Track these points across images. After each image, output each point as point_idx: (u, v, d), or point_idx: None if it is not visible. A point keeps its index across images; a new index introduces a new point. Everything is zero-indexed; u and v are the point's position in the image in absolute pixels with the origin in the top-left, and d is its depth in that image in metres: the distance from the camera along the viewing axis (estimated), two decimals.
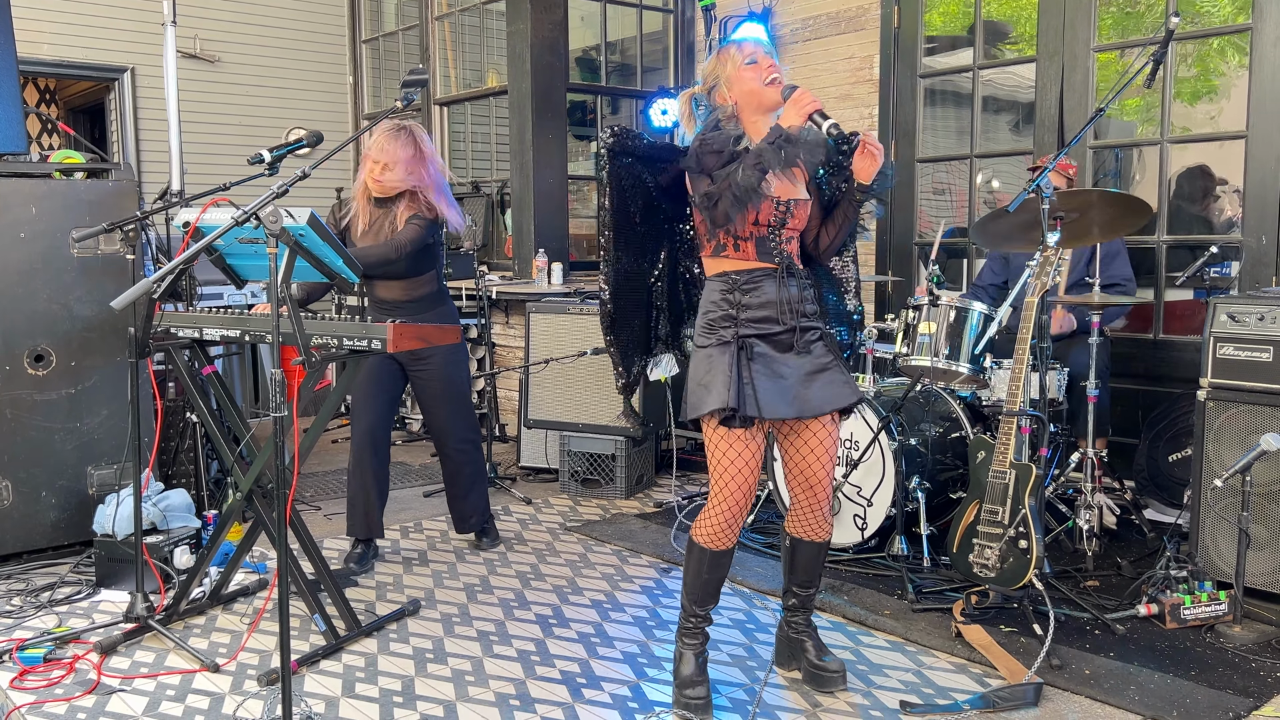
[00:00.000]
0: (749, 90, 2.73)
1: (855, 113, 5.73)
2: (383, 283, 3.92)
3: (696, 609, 2.89)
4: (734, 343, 2.71)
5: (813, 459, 2.84)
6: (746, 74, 2.73)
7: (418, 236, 3.79)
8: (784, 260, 2.76)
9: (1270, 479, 3.35)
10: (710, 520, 2.79)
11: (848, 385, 2.80)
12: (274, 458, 2.64)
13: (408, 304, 3.93)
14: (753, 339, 2.72)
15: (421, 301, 3.96)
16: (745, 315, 2.72)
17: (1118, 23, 5.51)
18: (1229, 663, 3.07)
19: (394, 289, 3.93)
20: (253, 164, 2.94)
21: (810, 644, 3.02)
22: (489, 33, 7.52)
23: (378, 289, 3.95)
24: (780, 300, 2.73)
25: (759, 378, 2.70)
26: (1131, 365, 4.72)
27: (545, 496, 5.13)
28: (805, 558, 2.97)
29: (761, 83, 2.72)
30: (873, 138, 2.73)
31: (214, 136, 7.33)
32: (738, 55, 2.76)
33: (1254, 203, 4.43)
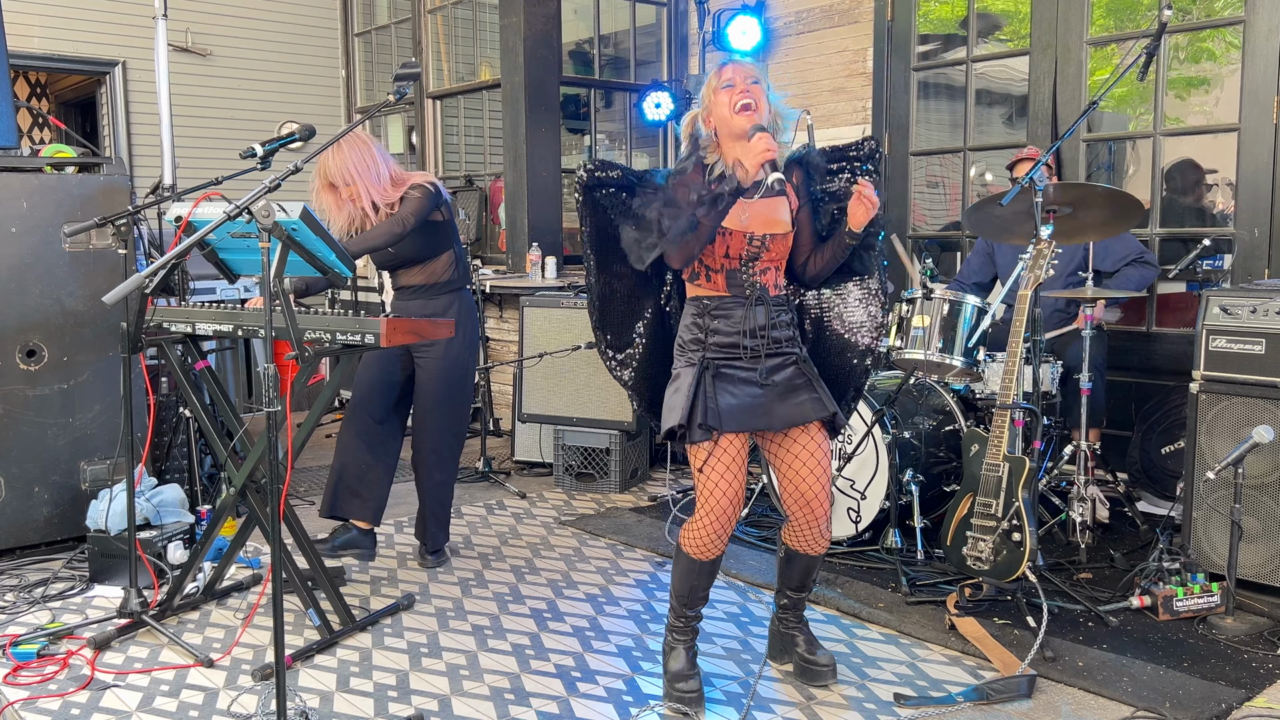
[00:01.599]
0: (722, 116, 2.73)
1: (849, 106, 5.72)
2: (403, 271, 3.89)
3: (686, 611, 2.91)
4: (699, 365, 2.76)
5: (805, 472, 2.82)
6: (721, 98, 2.72)
7: (420, 208, 3.71)
8: (754, 291, 2.77)
9: (1262, 471, 3.37)
10: (698, 532, 2.79)
11: (818, 402, 2.80)
12: (267, 453, 2.63)
13: (427, 289, 3.88)
14: (718, 361, 2.77)
15: (440, 288, 3.88)
16: (713, 340, 2.77)
17: (1111, 14, 5.50)
18: (1221, 654, 3.08)
19: (414, 274, 3.88)
20: (245, 158, 2.93)
21: (802, 639, 3.03)
22: (482, 26, 7.50)
23: (400, 276, 3.91)
24: (745, 329, 2.76)
25: (721, 395, 2.74)
26: (1124, 358, 4.73)
27: (539, 491, 5.13)
28: (801, 569, 2.99)
29: (731, 110, 2.70)
30: (870, 189, 2.71)
31: (206, 130, 7.30)
32: (715, 80, 2.75)
33: (1246, 195, 4.43)
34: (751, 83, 2.72)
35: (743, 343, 2.76)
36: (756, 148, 2.59)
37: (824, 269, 2.88)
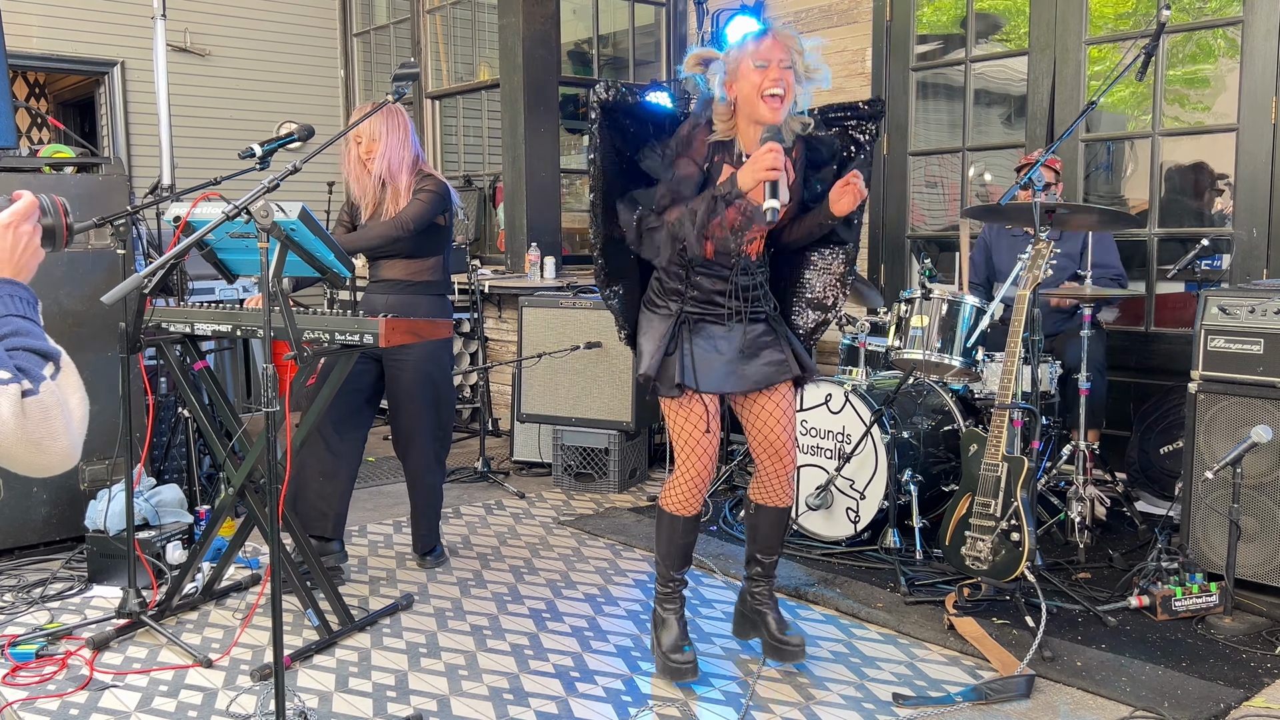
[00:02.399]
0: (746, 95, 2.69)
1: None
2: (387, 261, 3.81)
3: (673, 574, 2.98)
4: (676, 316, 2.81)
5: (774, 424, 2.93)
6: (752, 76, 2.66)
7: (423, 212, 3.69)
8: (741, 260, 2.82)
9: (1261, 471, 3.37)
10: (677, 488, 2.89)
11: (785, 363, 2.89)
12: (266, 453, 2.63)
13: (407, 284, 3.81)
14: (695, 314, 2.82)
15: (420, 286, 3.83)
16: (693, 294, 2.82)
17: (1110, 14, 5.51)
18: (1220, 654, 3.09)
19: (397, 267, 3.80)
20: (244, 158, 2.93)
21: (772, 616, 3.06)
22: (480, 26, 7.50)
23: (382, 268, 3.83)
24: (729, 289, 2.81)
25: (698, 350, 2.79)
26: (1123, 358, 4.73)
27: (538, 491, 5.13)
28: (769, 523, 3.05)
29: (758, 93, 2.66)
30: (859, 180, 2.72)
31: (205, 130, 7.29)
32: (752, 50, 2.67)
33: (1245, 195, 4.44)
34: (785, 67, 2.67)
35: (727, 305, 2.81)
36: (762, 162, 2.55)
37: (801, 239, 2.93)
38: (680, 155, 2.73)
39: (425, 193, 3.73)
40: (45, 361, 1.40)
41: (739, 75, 2.69)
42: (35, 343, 1.40)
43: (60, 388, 1.40)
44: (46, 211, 1.54)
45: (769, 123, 2.67)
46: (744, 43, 2.72)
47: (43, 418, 1.33)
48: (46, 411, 1.34)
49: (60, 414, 1.37)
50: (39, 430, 1.33)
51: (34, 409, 1.33)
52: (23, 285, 1.47)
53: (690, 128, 2.76)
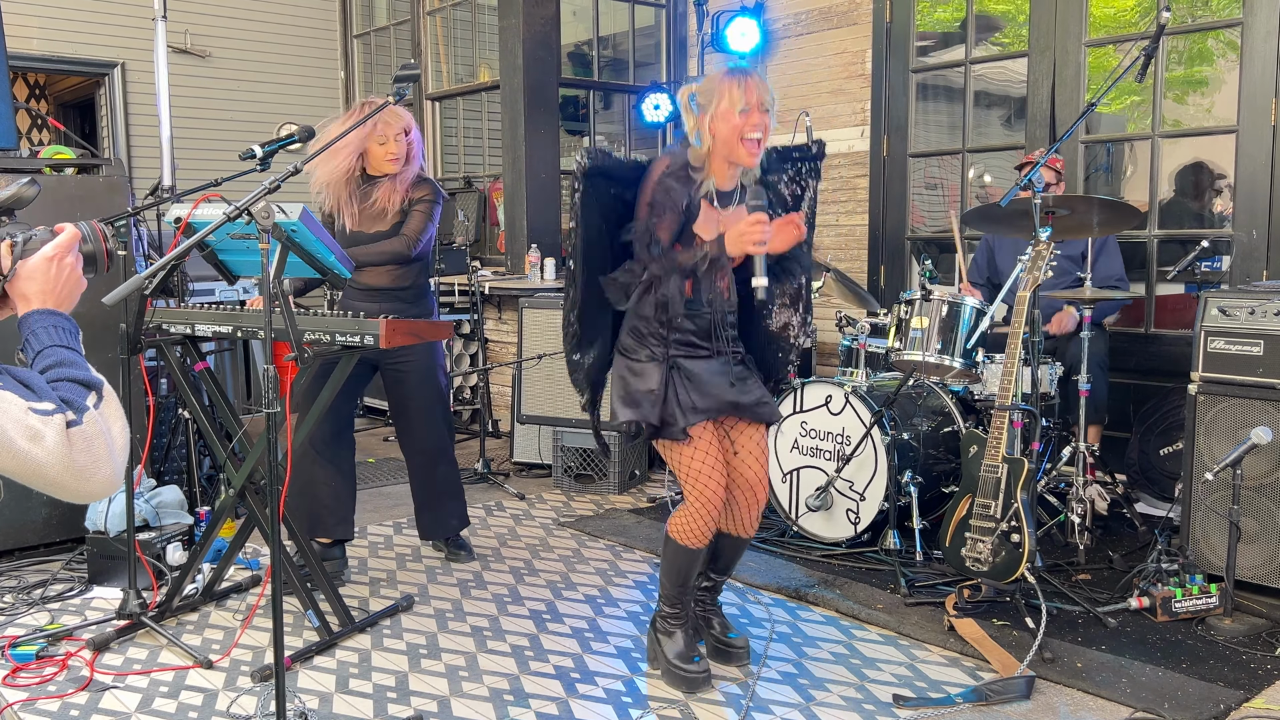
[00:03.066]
0: (725, 136, 2.74)
1: (848, 107, 5.73)
2: (370, 268, 3.76)
3: (683, 597, 2.99)
4: (664, 361, 2.83)
5: (753, 461, 2.97)
6: (733, 119, 2.72)
7: (425, 226, 3.71)
8: (717, 296, 2.87)
9: (1261, 472, 3.37)
10: (691, 522, 2.87)
11: (769, 404, 2.99)
12: (266, 454, 2.63)
13: (395, 292, 3.78)
14: (678, 356, 2.85)
15: (408, 291, 3.81)
16: (675, 337, 2.85)
17: (1109, 17, 5.52)
18: (1220, 655, 3.09)
19: (380, 274, 3.76)
20: (244, 159, 2.93)
21: (716, 621, 3.13)
22: (481, 27, 7.50)
23: (364, 273, 3.75)
24: (708, 329, 2.87)
25: (690, 388, 2.83)
26: (1123, 359, 4.73)
27: (538, 492, 5.13)
28: (731, 549, 3.10)
29: (738, 138, 2.72)
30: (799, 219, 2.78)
31: (205, 132, 7.30)
32: (736, 95, 2.71)
33: (1244, 197, 4.44)
34: (764, 110, 2.73)
35: (713, 343, 2.88)
36: (750, 235, 2.64)
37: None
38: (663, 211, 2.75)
39: (426, 204, 3.73)
40: (88, 391, 1.43)
41: (721, 117, 2.73)
42: (78, 373, 1.45)
43: (103, 416, 1.43)
44: (87, 239, 1.60)
45: (747, 166, 2.78)
46: (726, 84, 2.74)
47: (86, 447, 1.37)
48: (90, 441, 1.38)
49: (104, 442, 1.40)
50: (83, 459, 1.37)
51: (78, 439, 1.37)
52: (65, 316, 1.52)
53: (667, 174, 2.79)
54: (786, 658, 3.15)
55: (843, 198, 5.81)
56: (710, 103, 2.74)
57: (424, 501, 4.03)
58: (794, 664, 3.10)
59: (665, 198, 2.75)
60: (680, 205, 2.75)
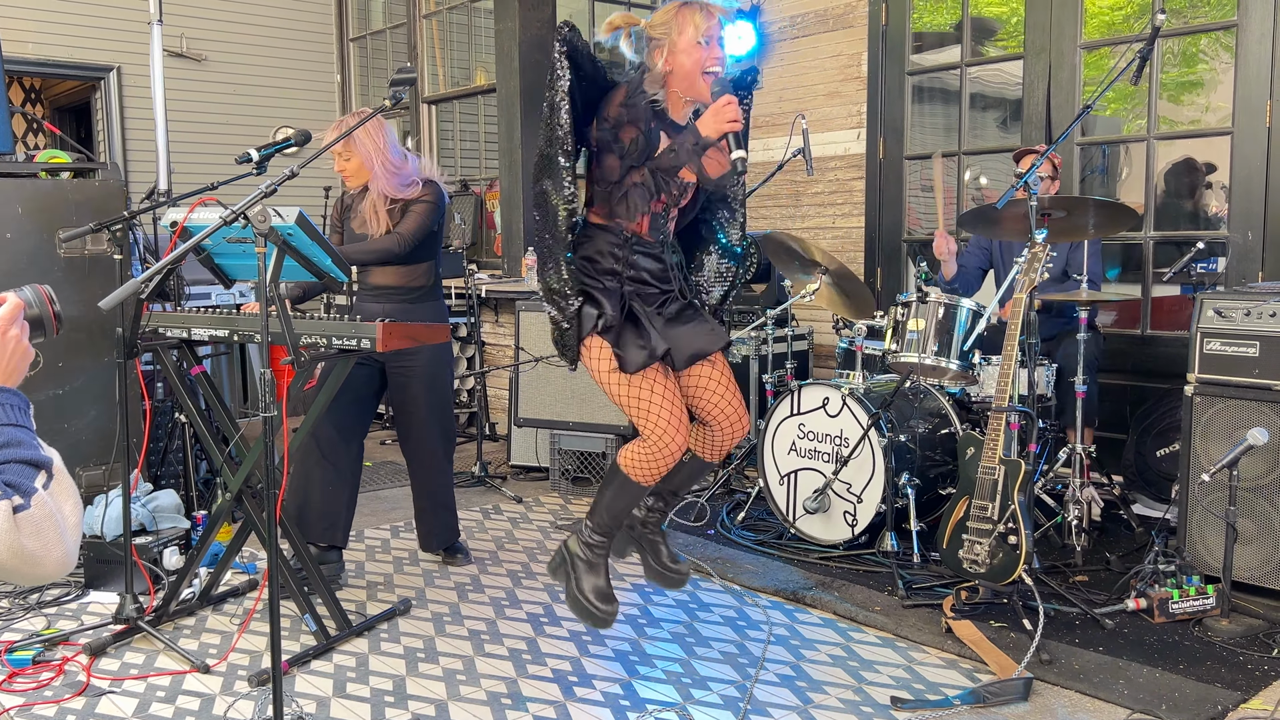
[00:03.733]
0: (686, 70, 2.67)
1: (844, 110, 5.73)
2: (379, 268, 3.78)
3: (614, 530, 2.92)
4: (620, 295, 2.75)
5: (724, 392, 2.87)
6: (694, 52, 2.65)
7: (421, 226, 3.67)
8: (667, 236, 2.83)
9: (1257, 473, 3.37)
10: (644, 460, 2.74)
11: (714, 333, 2.84)
12: (263, 458, 2.63)
13: (402, 291, 3.79)
14: (632, 293, 2.77)
15: (416, 292, 3.81)
16: (629, 274, 2.77)
17: (1105, 18, 5.53)
18: (1217, 656, 3.09)
19: (389, 274, 3.78)
20: (240, 163, 2.93)
21: (663, 546, 3.07)
22: (477, 31, 7.50)
23: (372, 274, 3.81)
24: (660, 270, 2.80)
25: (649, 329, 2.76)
26: (1119, 360, 4.74)
27: (536, 495, 5.13)
28: (691, 470, 3.01)
29: (701, 68, 2.66)
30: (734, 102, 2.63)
31: (201, 135, 7.30)
32: (700, 23, 2.65)
33: (1240, 199, 4.45)
34: (719, 41, 2.72)
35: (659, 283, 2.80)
36: (725, 114, 2.55)
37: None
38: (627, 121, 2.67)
39: (423, 204, 3.70)
40: (37, 472, 1.37)
41: (681, 49, 2.66)
42: (27, 453, 1.37)
43: (53, 496, 1.37)
44: (31, 305, 1.50)
45: (704, 101, 2.69)
46: (685, 13, 2.68)
47: (35, 532, 1.31)
48: (39, 525, 1.32)
49: (54, 525, 1.34)
50: (33, 544, 1.31)
51: (26, 524, 1.31)
52: (13, 391, 1.43)
53: (633, 93, 2.70)
54: (784, 660, 3.15)
55: (839, 200, 5.82)
56: (670, 34, 2.67)
57: (422, 510, 4.02)
58: (792, 666, 3.10)
59: (633, 114, 2.67)
60: (644, 124, 2.66)
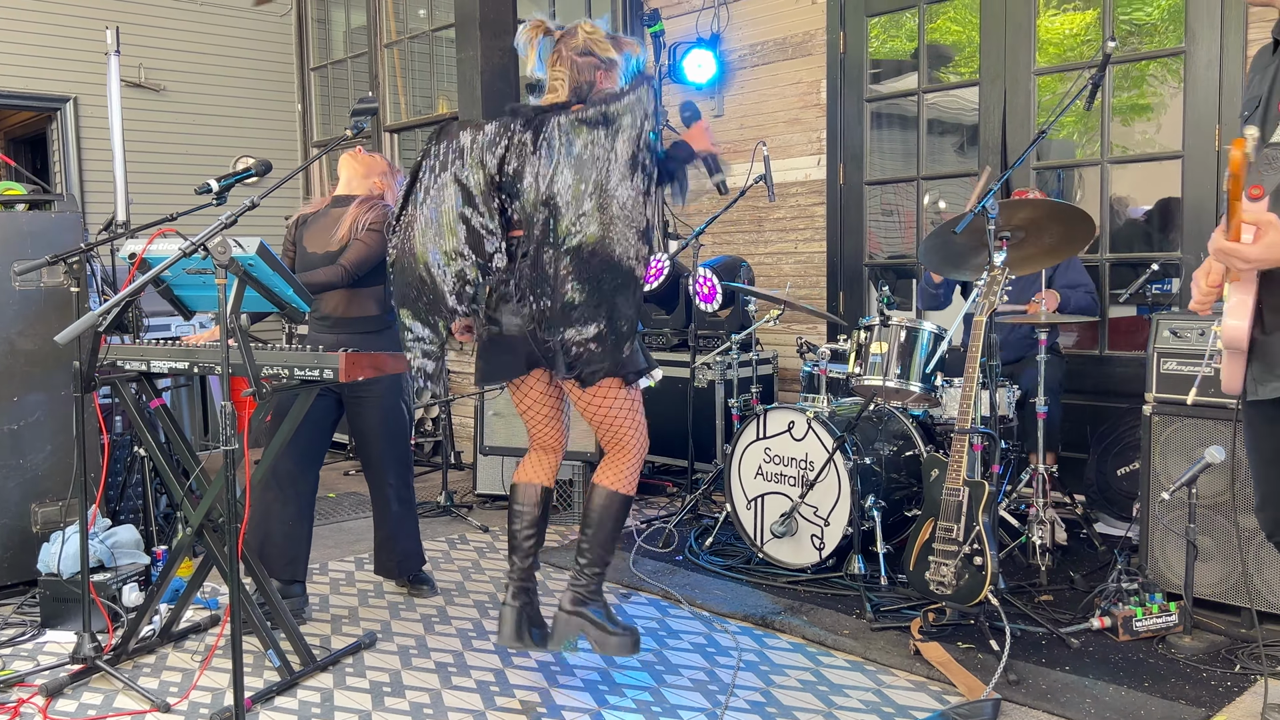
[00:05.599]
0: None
1: (804, 136, 5.80)
2: (326, 297, 3.71)
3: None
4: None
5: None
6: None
7: (366, 257, 3.62)
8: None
9: (1215, 491, 3.42)
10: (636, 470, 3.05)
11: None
12: (225, 491, 2.60)
13: (352, 322, 3.73)
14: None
15: (367, 321, 3.75)
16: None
17: (1057, 40, 5.64)
18: (1180, 673, 3.12)
19: (336, 302, 3.72)
20: (200, 193, 2.92)
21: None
22: (439, 59, 7.52)
23: (323, 301, 3.73)
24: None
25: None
26: (1079, 381, 4.80)
27: (502, 524, 5.09)
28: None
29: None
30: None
31: (160, 166, 7.24)
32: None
33: (1191, 221, 4.54)
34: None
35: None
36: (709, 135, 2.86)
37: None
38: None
39: (371, 233, 3.65)
40: None
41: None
42: None
43: None
44: None
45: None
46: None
47: None
48: None
49: None
50: None
51: None
52: None
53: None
54: (754, 686, 3.14)
55: (801, 225, 5.87)
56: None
57: (383, 538, 3.98)
58: (762, 693, 3.09)
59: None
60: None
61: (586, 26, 2.89)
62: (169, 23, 7.52)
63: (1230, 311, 2.16)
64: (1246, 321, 2.15)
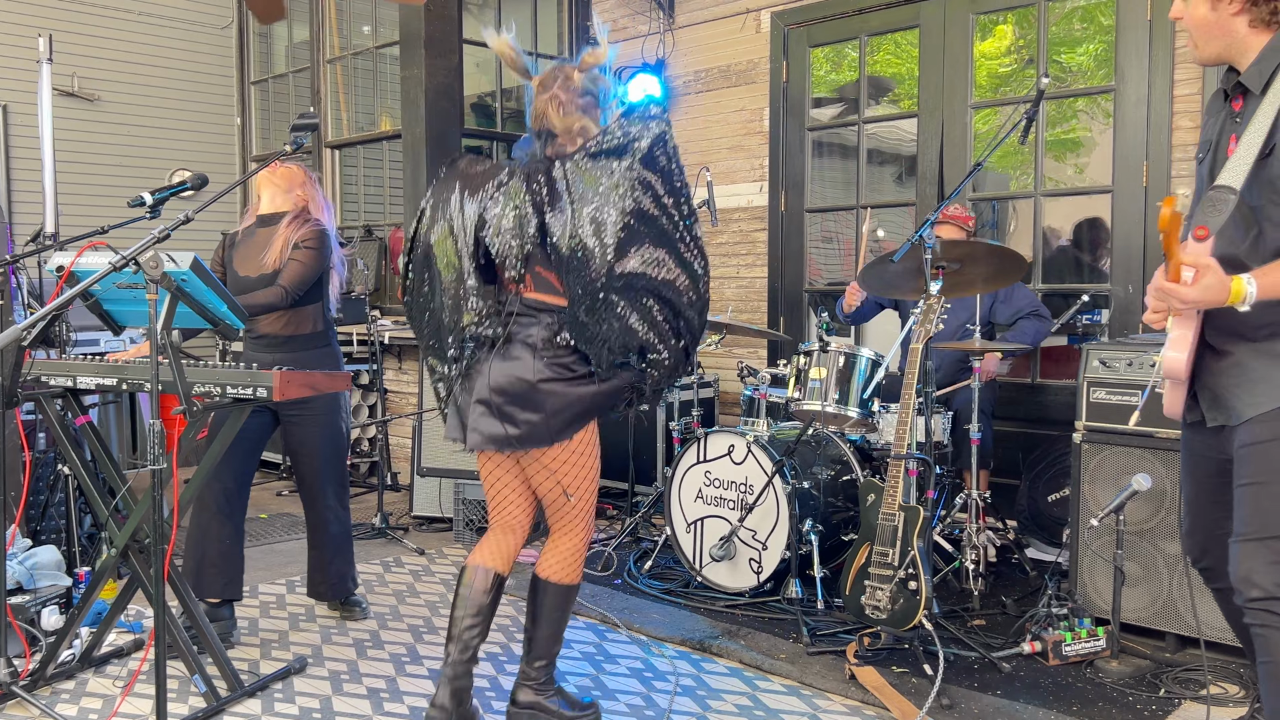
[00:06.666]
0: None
1: (747, 163, 5.86)
2: (264, 316, 3.67)
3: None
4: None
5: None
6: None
7: (304, 276, 3.60)
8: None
9: (1142, 518, 3.50)
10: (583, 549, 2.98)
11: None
12: (151, 511, 2.53)
13: (290, 341, 3.70)
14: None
15: (305, 339, 3.72)
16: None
17: (991, 76, 5.78)
18: (1108, 697, 3.18)
19: (274, 321, 3.68)
20: (133, 206, 2.85)
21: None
22: (382, 76, 7.47)
23: (259, 322, 3.69)
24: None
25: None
26: (1012, 408, 4.90)
27: (439, 547, 5.03)
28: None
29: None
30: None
31: (93, 177, 7.07)
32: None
33: (1120, 253, 4.67)
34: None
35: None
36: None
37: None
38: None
39: (305, 250, 3.62)
40: None
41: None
42: None
43: None
44: None
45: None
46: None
47: None
48: None
49: None
50: None
51: None
52: None
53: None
54: (691, 712, 3.13)
55: (743, 250, 5.92)
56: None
57: (317, 560, 3.91)
58: (698, 718, 3.08)
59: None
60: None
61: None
62: (106, 32, 7.37)
63: (1171, 344, 2.28)
64: (1185, 354, 2.26)
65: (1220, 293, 2.12)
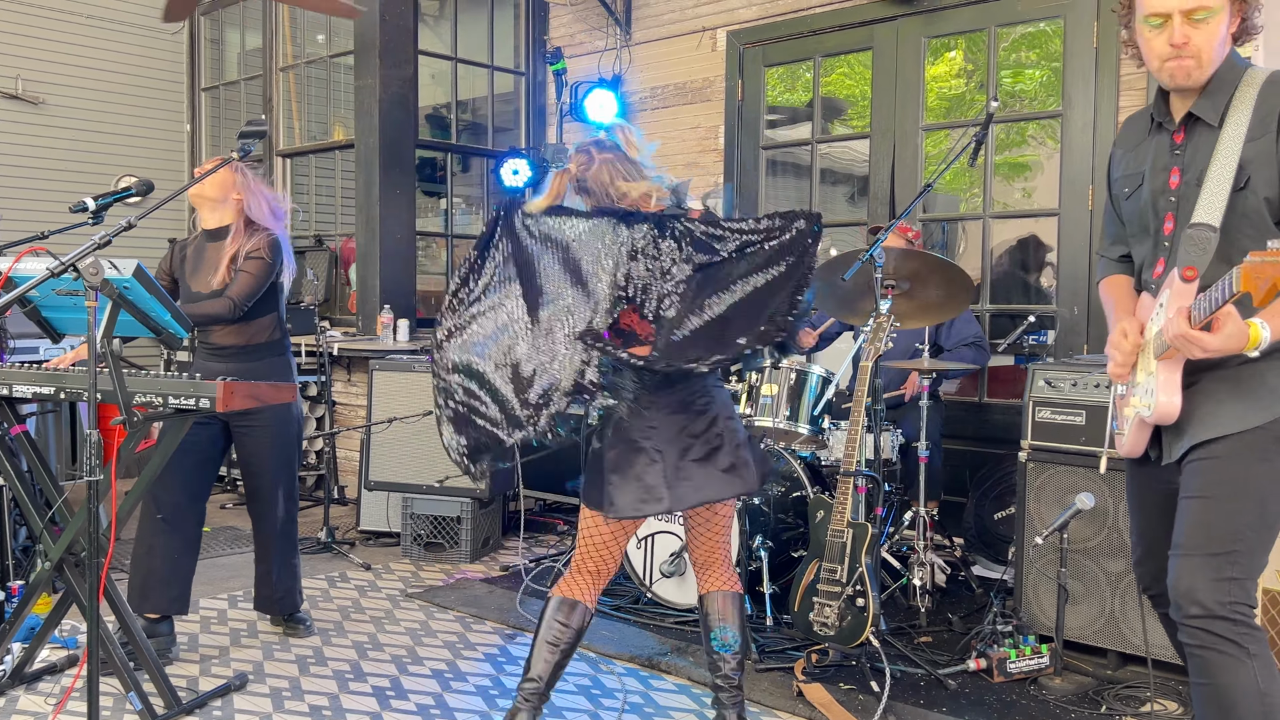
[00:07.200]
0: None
1: (701, 181, 5.88)
2: (217, 327, 3.63)
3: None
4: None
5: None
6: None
7: (254, 287, 3.55)
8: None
9: (1085, 536, 3.55)
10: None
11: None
12: (88, 524, 2.47)
13: (246, 351, 3.65)
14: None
15: (258, 349, 3.67)
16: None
17: (942, 97, 5.87)
18: (1050, 714, 3.21)
19: (228, 333, 3.64)
20: (75, 212, 2.79)
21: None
22: (336, 85, 7.40)
23: (213, 334, 3.65)
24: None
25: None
26: (959, 427, 4.95)
27: (386, 562, 4.96)
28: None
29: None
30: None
31: (35, 182, 6.92)
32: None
33: (1066, 275, 4.75)
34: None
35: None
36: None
37: None
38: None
39: (255, 261, 3.57)
40: None
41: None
42: None
43: None
44: None
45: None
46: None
47: None
48: None
49: None
50: None
51: None
52: None
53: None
54: None
55: None
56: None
57: (263, 573, 3.84)
58: None
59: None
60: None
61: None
62: (52, 34, 7.23)
63: (1163, 388, 2.19)
64: (1179, 398, 2.18)
65: (1241, 340, 2.01)
